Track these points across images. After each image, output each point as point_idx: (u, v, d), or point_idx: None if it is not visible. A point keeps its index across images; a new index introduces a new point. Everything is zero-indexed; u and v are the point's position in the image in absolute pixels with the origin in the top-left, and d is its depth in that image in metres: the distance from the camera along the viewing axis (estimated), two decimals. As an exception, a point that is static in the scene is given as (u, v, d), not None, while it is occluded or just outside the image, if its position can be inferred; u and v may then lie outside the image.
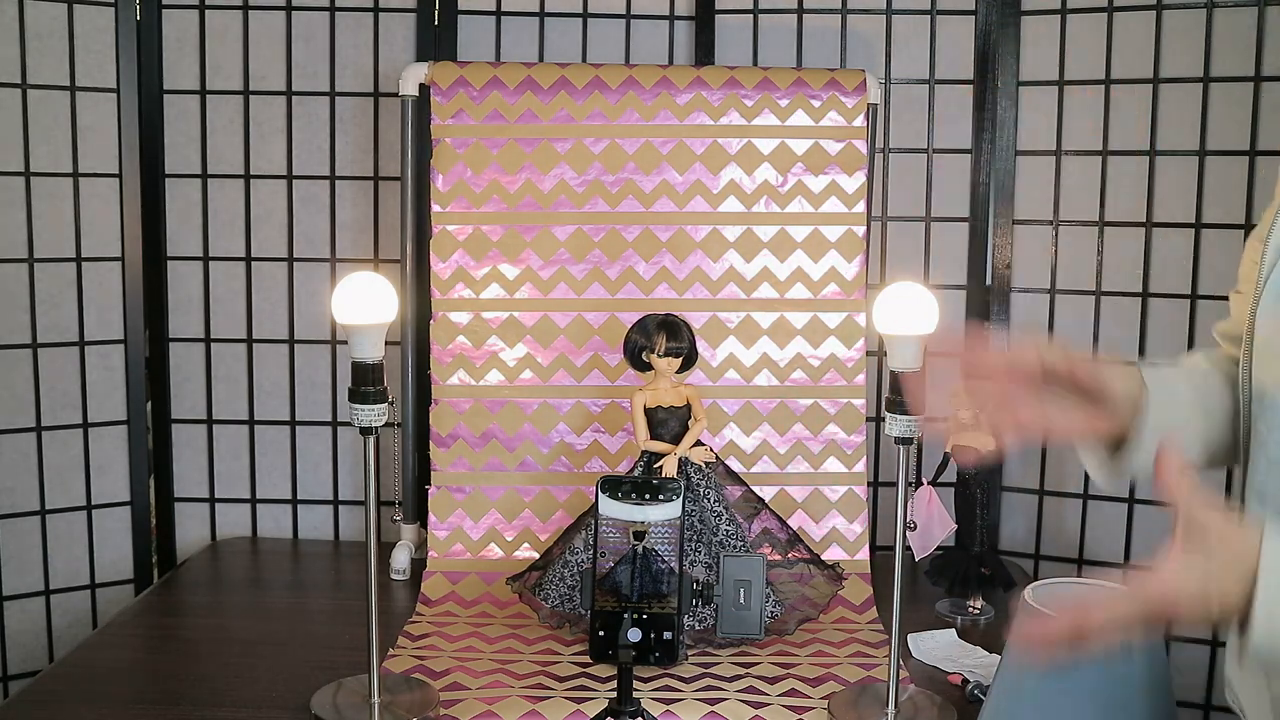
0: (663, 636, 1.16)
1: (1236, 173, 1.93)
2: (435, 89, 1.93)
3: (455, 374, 1.93)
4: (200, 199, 2.13)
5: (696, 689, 1.54)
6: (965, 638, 1.73)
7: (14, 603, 2.05)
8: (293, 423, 2.17)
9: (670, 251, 1.94)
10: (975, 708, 1.39)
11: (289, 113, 2.12)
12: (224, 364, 2.16)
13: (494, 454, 1.92)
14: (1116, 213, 2.03)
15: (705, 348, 1.91)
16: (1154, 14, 1.97)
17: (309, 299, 2.15)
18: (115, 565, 2.13)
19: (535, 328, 1.93)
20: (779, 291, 1.94)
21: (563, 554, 1.72)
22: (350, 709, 1.46)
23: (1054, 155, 2.06)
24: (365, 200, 2.14)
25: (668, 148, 1.94)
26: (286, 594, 1.96)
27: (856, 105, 1.94)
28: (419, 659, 1.63)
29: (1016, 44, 2.06)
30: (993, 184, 2.09)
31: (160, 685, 1.56)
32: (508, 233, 1.93)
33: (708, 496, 1.70)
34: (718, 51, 2.11)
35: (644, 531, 1.18)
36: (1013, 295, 2.10)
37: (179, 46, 2.10)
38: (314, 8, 2.10)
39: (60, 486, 2.07)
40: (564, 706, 1.49)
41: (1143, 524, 2.02)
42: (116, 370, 2.10)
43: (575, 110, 1.93)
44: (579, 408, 1.93)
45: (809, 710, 1.50)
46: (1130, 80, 2.00)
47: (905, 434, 1.42)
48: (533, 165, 1.93)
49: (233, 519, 2.19)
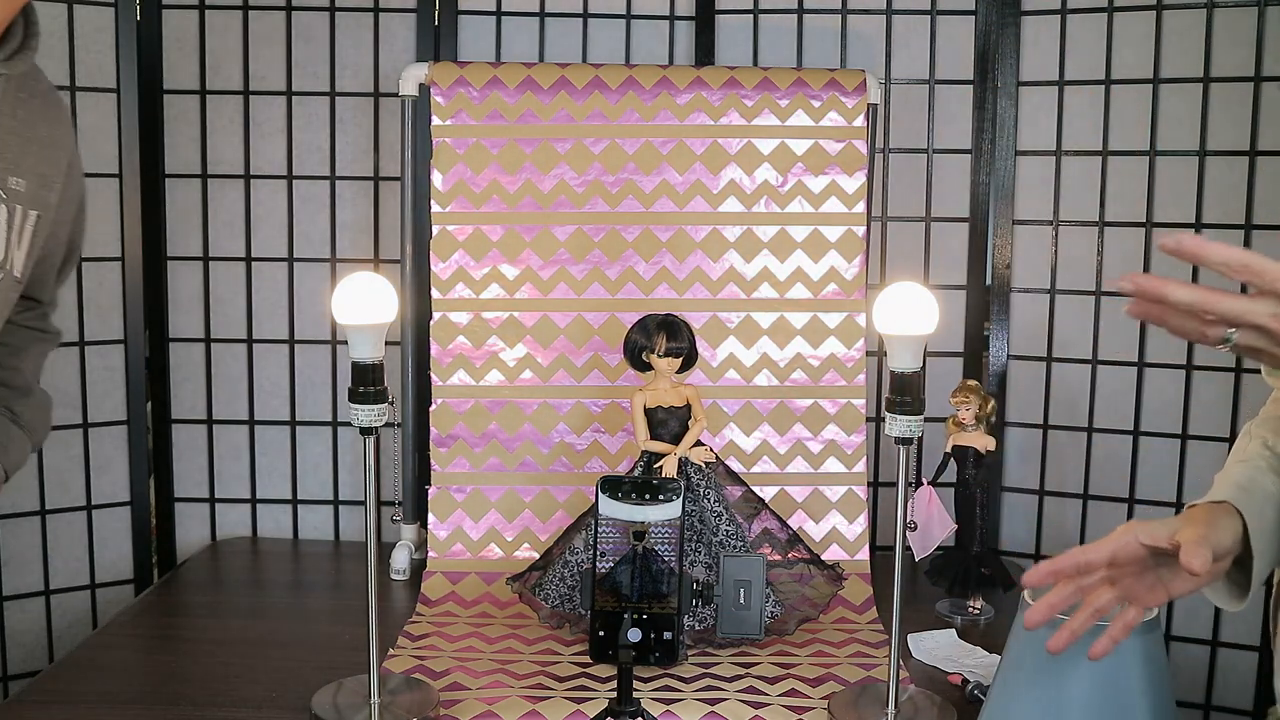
0: (663, 636, 1.17)
1: (1236, 173, 1.93)
2: (435, 89, 1.93)
3: (455, 374, 1.93)
4: (200, 199, 2.13)
5: (696, 689, 1.54)
6: (965, 638, 1.73)
7: (14, 603, 2.05)
8: (293, 423, 2.18)
9: (670, 251, 1.94)
10: (975, 708, 1.39)
11: (289, 113, 2.12)
12: (224, 364, 2.16)
13: (494, 454, 1.92)
14: (1116, 213, 2.03)
15: (705, 348, 1.91)
16: (1154, 14, 1.97)
17: (309, 299, 2.15)
18: (115, 565, 2.13)
19: (535, 328, 1.93)
20: (779, 291, 1.94)
21: (563, 554, 1.72)
22: (350, 709, 1.46)
23: (1054, 155, 2.06)
24: (365, 200, 2.14)
25: (668, 148, 1.94)
26: (286, 594, 1.96)
27: (856, 105, 1.94)
28: (419, 659, 1.63)
29: (1016, 44, 2.06)
30: (993, 184, 2.09)
31: (160, 685, 1.56)
32: (508, 233, 1.93)
33: (708, 496, 1.70)
34: (718, 51, 2.11)
35: (644, 531, 1.18)
36: (1013, 295, 2.10)
37: (179, 46, 2.10)
38: (314, 8, 2.10)
39: (60, 486, 2.07)
40: (564, 706, 1.49)
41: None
42: (116, 370, 2.10)
43: (575, 110, 1.93)
44: (579, 408, 1.93)
45: (809, 710, 1.50)
46: (1130, 80, 2.00)
47: (905, 434, 1.41)
48: (533, 165, 1.93)
49: (233, 519, 2.19)
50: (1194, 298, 0.79)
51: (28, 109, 1.32)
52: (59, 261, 1.48)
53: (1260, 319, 0.78)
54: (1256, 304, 0.79)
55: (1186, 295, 0.79)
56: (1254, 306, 0.79)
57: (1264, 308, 0.78)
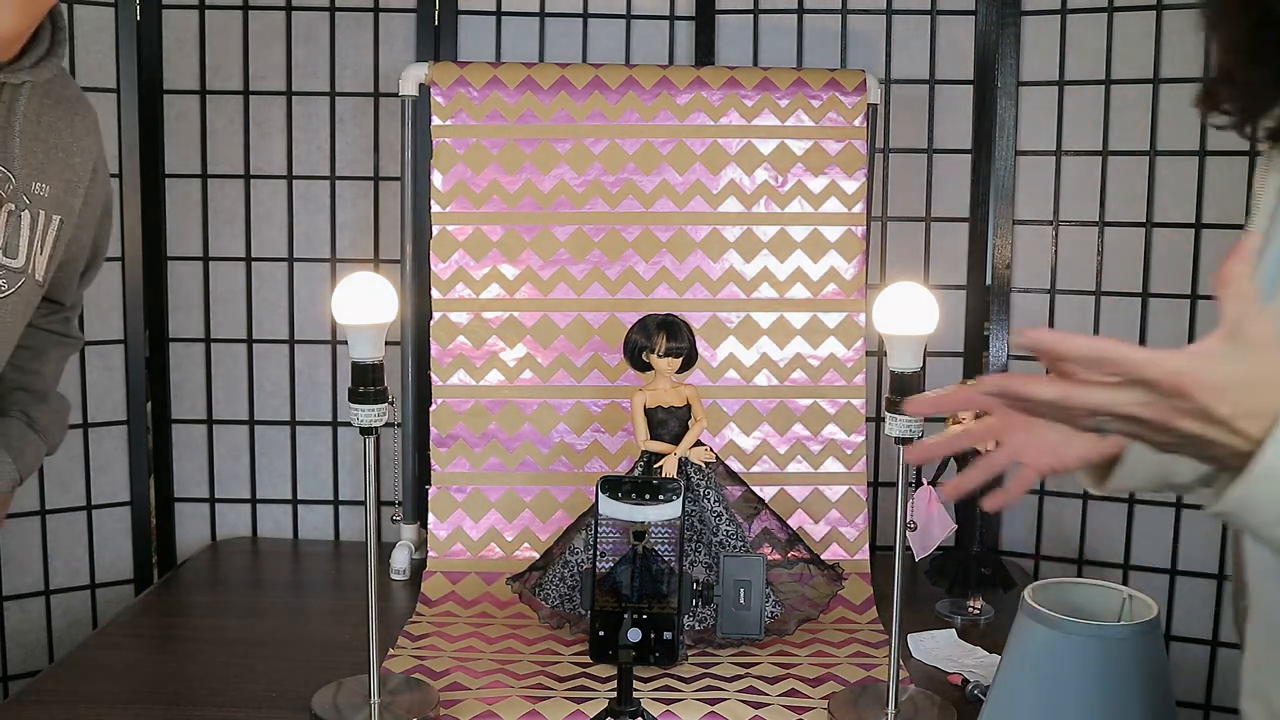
0: (663, 636, 1.17)
1: (1236, 173, 1.93)
2: (435, 89, 1.93)
3: (455, 374, 1.93)
4: (200, 199, 2.13)
5: (696, 689, 1.54)
6: (965, 638, 1.73)
7: (14, 603, 2.05)
8: (293, 423, 2.18)
9: (670, 251, 1.94)
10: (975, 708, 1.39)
11: (289, 113, 2.12)
12: (224, 364, 2.16)
13: (494, 454, 1.92)
14: (1116, 213, 2.03)
15: (705, 348, 1.91)
16: (1154, 14, 1.97)
17: (309, 299, 2.15)
18: (115, 565, 2.13)
19: (535, 328, 1.93)
20: (779, 291, 1.94)
21: (563, 554, 1.72)
22: (350, 709, 1.46)
23: (1054, 155, 2.06)
24: (365, 200, 2.14)
25: (668, 148, 1.94)
26: (286, 594, 1.96)
27: (856, 105, 1.94)
28: (419, 659, 1.63)
29: (1016, 44, 2.06)
30: (993, 184, 2.09)
31: (160, 685, 1.56)
32: (508, 233, 1.93)
33: (708, 496, 1.70)
34: (718, 51, 2.11)
35: (644, 531, 1.18)
36: (1013, 295, 2.10)
37: (179, 46, 2.10)
38: (314, 8, 2.10)
39: (60, 486, 2.07)
40: (564, 706, 1.49)
41: (1143, 525, 2.02)
42: (116, 370, 2.10)
43: (575, 110, 1.93)
44: (579, 408, 1.93)
45: (809, 710, 1.50)
46: (1130, 80, 2.00)
47: (905, 434, 1.41)
48: (533, 165, 1.93)
49: (233, 519, 2.19)
50: (1058, 395, 0.76)
51: (53, 114, 1.33)
52: (82, 265, 1.48)
53: (1127, 409, 0.75)
54: (1122, 394, 0.75)
55: (1050, 394, 0.76)
56: (1119, 398, 0.75)
57: (1129, 397, 0.75)
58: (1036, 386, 0.77)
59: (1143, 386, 0.74)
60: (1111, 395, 0.75)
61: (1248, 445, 0.74)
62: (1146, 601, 1.17)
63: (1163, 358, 0.73)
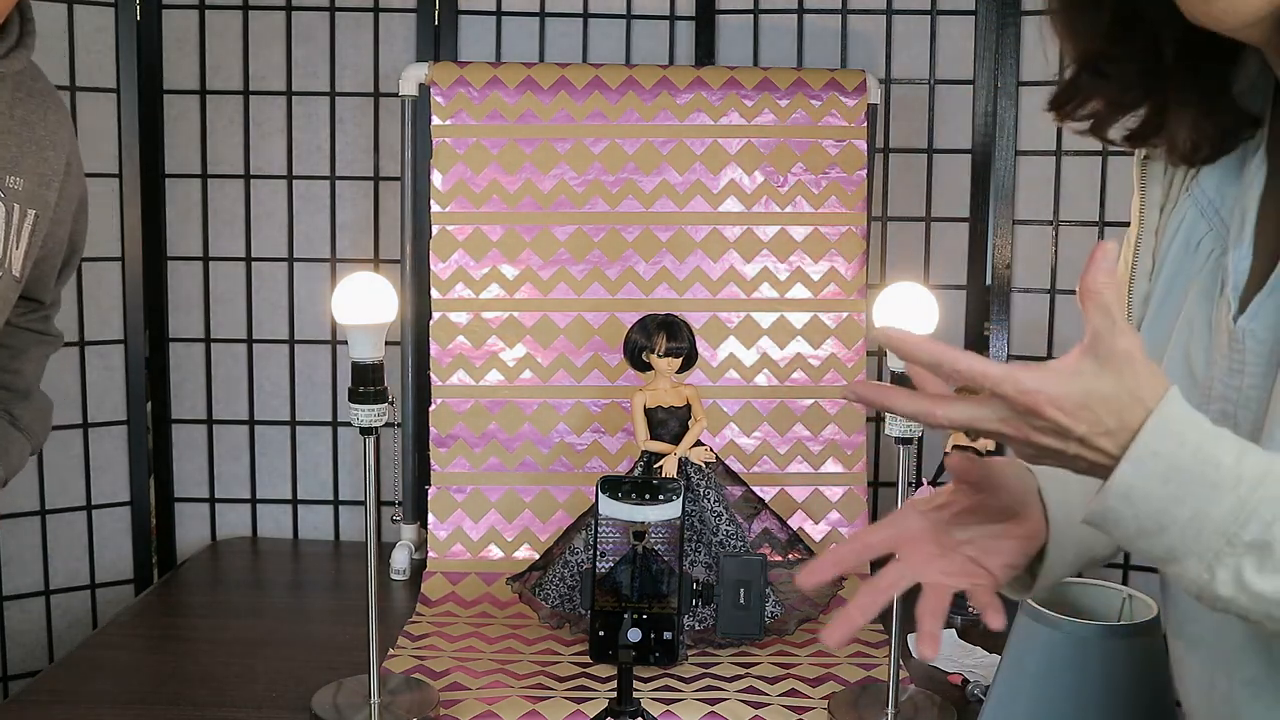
0: (663, 636, 1.17)
1: (1236, 173, 1.93)
2: (435, 89, 1.93)
3: (455, 374, 1.93)
4: (200, 199, 2.13)
5: (696, 689, 1.54)
6: (965, 638, 1.73)
7: (14, 603, 2.04)
8: (293, 423, 2.17)
9: (670, 251, 1.94)
10: (975, 708, 1.39)
11: (289, 113, 2.12)
12: (224, 364, 2.16)
13: (494, 454, 1.92)
14: (1116, 213, 2.03)
15: (705, 348, 1.91)
16: (1154, 14, 1.96)
17: (309, 299, 2.14)
18: (115, 565, 2.12)
19: (535, 328, 1.93)
20: (779, 291, 1.94)
21: (563, 554, 1.72)
22: (350, 709, 1.46)
23: (1054, 155, 2.06)
24: (365, 200, 2.14)
25: (668, 148, 1.94)
26: (286, 594, 1.96)
27: (856, 105, 1.94)
28: (419, 659, 1.63)
29: (1016, 44, 2.06)
30: (993, 184, 2.09)
31: (160, 685, 1.56)
32: (508, 233, 1.93)
33: (708, 496, 1.70)
34: (718, 51, 2.11)
35: (644, 531, 1.18)
36: (1013, 295, 2.10)
37: (179, 46, 2.10)
38: (314, 8, 2.10)
39: (60, 486, 2.07)
40: (564, 706, 1.49)
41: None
42: (116, 370, 2.10)
43: (575, 110, 1.93)
44: (579, 408, 1.93)
45: (809, 710, 1.50)
46: (1130, 80, 2.00)
47: (905, 434, 1.42)
48: (533, 165, 1.93)
49: (233, 519, 2.19)
50: (917, 409, 0.73)
51: (25, 107, 1.32)
52: (59, 262, 1.47)
53: (989, 425, 0.73)
54: (983, 410, 0.72)
55: (909, 407, 0.73)
56: (980, 413, 0.73)
57: (990, 413, 0.72)
58: (896, 399, 0.74)
59: (1001, 402, 0.72)
60: (971, 411, 0.73)
61: (1108, 461, 0.72)
62: (1146, 601, 1.17)
63: (1015, 374, 0.71)
